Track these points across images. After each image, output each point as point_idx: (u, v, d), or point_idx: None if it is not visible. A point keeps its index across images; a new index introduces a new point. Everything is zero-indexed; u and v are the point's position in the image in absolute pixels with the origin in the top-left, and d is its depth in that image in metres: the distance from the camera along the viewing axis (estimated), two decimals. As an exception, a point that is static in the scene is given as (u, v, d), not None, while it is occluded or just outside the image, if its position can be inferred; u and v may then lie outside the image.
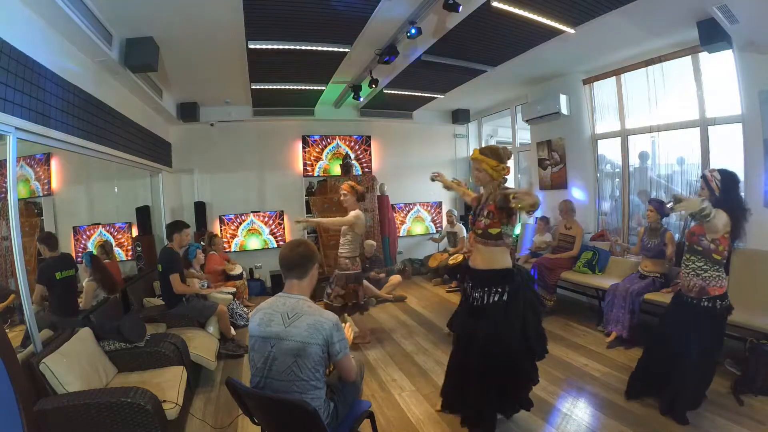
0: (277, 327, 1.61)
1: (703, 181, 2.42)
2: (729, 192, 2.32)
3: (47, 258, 3.09)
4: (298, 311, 1.62)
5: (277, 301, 1.70)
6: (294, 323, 1.60)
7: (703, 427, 2.31)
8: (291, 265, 1.71)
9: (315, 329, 1.58)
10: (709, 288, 2.30)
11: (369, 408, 1.96)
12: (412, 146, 7.21)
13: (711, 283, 2.30)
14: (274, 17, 3.23)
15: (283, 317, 1.62)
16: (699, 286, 2.33)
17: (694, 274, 2.36)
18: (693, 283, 2.36)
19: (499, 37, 3.79)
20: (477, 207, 2.45)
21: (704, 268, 2.32)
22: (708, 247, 2.29)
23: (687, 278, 2.39)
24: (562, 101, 4.88)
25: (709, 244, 2.28)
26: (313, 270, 1.75)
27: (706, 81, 3.81)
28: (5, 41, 2.09)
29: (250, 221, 6.35)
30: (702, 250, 2.31)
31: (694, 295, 2.35)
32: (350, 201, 3.63)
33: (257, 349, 1.65)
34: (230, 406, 2.70)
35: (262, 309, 1.70)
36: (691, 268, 2.38)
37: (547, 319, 4.30)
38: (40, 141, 2.49)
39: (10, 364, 1.84)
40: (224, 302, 4.00)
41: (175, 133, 5.87)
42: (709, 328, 2.35)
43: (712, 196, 2.35)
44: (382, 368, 3.37)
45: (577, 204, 4.85)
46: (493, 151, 2.35)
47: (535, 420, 2.50)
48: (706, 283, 2.31)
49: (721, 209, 2.24)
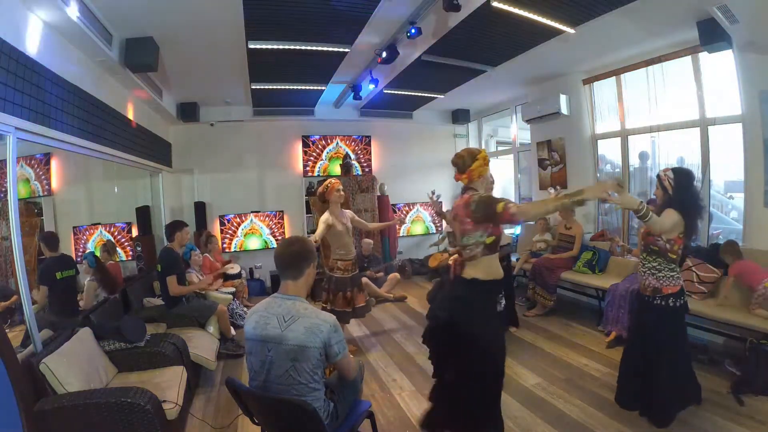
0: (274, 331, 1.56)
1: (657, 181, 2.41)
2: (683, 190, 2.30)
3: (47, 258, 3.09)
4: (294, 314, 1.58)
5: (273, 303, 1.65)
6: (290, 327, 1.55)
7: (703, 427, 2.31)
8: (285, 265, 1.66)
9: (312, 332, 1.54)
10: (663, 288, 2.30)
11: (369, 408, 1.96)
12: (412, 146, 7.21)
13: (665, 282, 2.30)
14: (274, 17, 3.23)
15: (279, 320, 1.57)
16: (653, 286, 2.33)
17: (649, 273, 2.35)
18: (648, 283, 2.36)
19: (499, 37, 3.79)
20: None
21: (659, 268, 2.32)
22: (664, 247, 2.29)
23: (643, 278, 2.40)
24: (562, 101, 4.88)
25: (665, 244, 2.28)
26: (308, 269, 1.68)
27: (706, 81, 3.80)
28: (5, 41, 2.09)
29: (250, 221, 6.35)
30: (658, 249, 2.31)
31: (649, 293, 2.36)
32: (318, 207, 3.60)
33: (254, 353, 1.62)
34: (230, 406, 2.70)
35: (258, 312, 1.65)
36: (647, 267, 2.37)
37: (547, 319, 4.31)
38: (40, 141, 2.49)
39: (10, 364, 1.84)
40: (224, 302, 4.00)
41: (175, 133, 5.87)
42: (666, 326, 2.34)
43: (665, 195, 2.35)
44: (382, 368, 3.37)
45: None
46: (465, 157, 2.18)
47: (534, 419, 2.50)
48: (660, 283, 2.31)
49: (672, 209, 2.25)
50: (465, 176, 2.17)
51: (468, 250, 2.07)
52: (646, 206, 2.13)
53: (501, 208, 1.93)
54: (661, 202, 2.39)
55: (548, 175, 5.48)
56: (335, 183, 3.55)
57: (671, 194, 2.32)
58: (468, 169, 2.15)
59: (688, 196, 2.29)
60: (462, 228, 2.09)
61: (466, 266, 2.11)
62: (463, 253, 2.12)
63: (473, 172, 2.14)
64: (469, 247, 2.07)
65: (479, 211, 2.01)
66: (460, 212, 2.11)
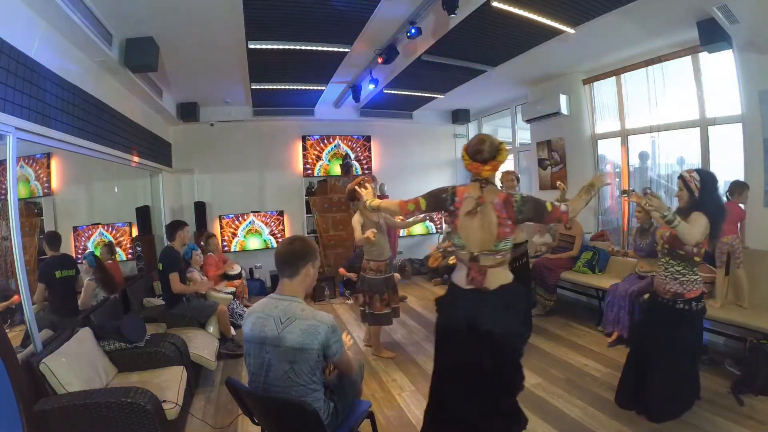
0: (271, 333, 1.54)
1: (681, 182, 2.34)
2: (710, 193, 2.26)
3: (48, 257, 3.10)
4: (291, 315, 1.55)
5: (269, 303, 1.62)
6: (287, 328, 1.53)
7: (703, 427, 2.31)
8: (281, 262, 1.63)
9: (309, 334, 1.52)
10: (686, 293, 2.26)
11: (369, 408, 1.96)
12: (412, 146, 7.21)
13: (688, 287, 2.26)
14: (274, 17, 3.23)
15: (276, 322, 1.55)
16: (674, 291, 2.28)
17: (672, 278, 2.30)
18: (669, 287, 2.31)
19: (499, 37, 3.79)
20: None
21: (683, 272, 2.27)
22: (690, 252, 2.24)
23: (663, 282, 2.34)
24: (562, 101, 4.88)
25: (691, 249, 2.23)
26: (305, 269, 1.63)
27: (706, 81, 3.80)
28: (5, 41, 2.08)
29: (250, 221, 6.35)
30: (684, 254, 2.26)
31: (669, 297, 2.31)
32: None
33: (252, 354, 1.61)
34: (230, 406, 2.70)
35: (255, 312, 1.63)
36: (670, 272, 2.32)
37: (547, 319, 4.31)
38: (40, 141, 2.48)
39: (10, 364, 1.84)
40: (224, 302, 4.00)
41: (175, 133, 5.87)
42: (685, 329, 2.32)
43: (691, 197, 2.30)
44: (382, 368, 3.37)
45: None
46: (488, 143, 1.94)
47: (534, 419, 2.50)
48: (683, 288, 2.27)
49: (700, 212, 2.19)
50: (489, 167, 1.90)
51: (501, 255, 1.91)
52: (672, 211, 2.11)
53: (550, 206, 1.86)
54: (685, 205, 2.33)
55: (548, 175, 5.48)
56: (367, 180, 3.42)
57: (697, 196, 2.26)
58: (495, 158, 1.89)
59: (716, 198, 2.26)
60: (501, 231, 1.87)
61: (489, 273, 1.90)
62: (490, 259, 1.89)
63: (498, 164, 1.92)
64: (502, 252, 1.91)
65: (529, 211, 1.87)
66: (500, 213, 1.87)
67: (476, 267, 1.90)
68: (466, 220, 1.92)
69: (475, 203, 1.90)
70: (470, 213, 1.90)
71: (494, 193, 1.92)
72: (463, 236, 1.95)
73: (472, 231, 1.91)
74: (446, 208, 2.02)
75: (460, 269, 2.01)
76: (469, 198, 1.93)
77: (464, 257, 1.95)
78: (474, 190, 1.94)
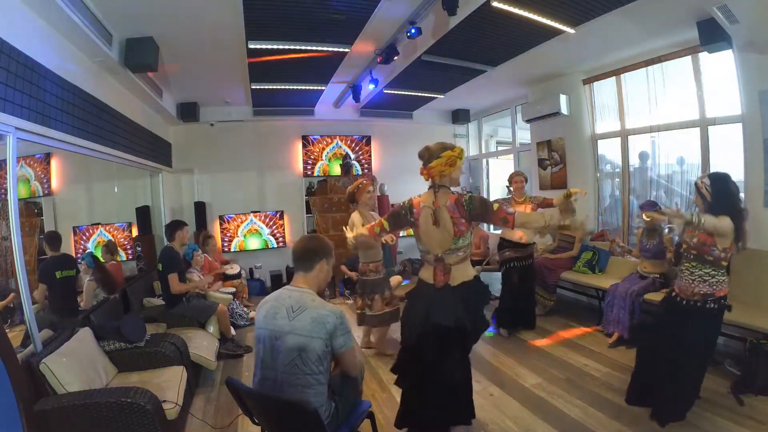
0: (282, 320, 1.63)
1: (695, 190, 2.37)
2: (723, 196, 2.26)
3: (48, 257, 3.10)
4: (302, 305, 1.64)
5: (283, 293, 1.73)
6: (298, 317, 1.62)
7: (703, 427, 2.31)
8: (297, 257, 1.76)
9: (318, 323, 1.59)
10: (716, 292, 2.26)
11: (369, 408, 1.96)
12: (412, 146, 7.09)
13: (717, 287, 2.26)
14: (274, 17, 3.23)
15: (288, 311, 1.64)
16: (703, 292, 2.27)
17: (700, 280, 2.29)
18: (698, 289, 2.29)
19: (499, 37, 3.79)
20: None
21: (712, 273, 2.27)
22: (719, 256, 2.23)
23: (691, 285, 2.32)
24: (562, 101, 4.88)
25: (720, 253, 2.22)
26: (320, 264, 1.75)
27: (706, 81, 3.80)
28: (5, 41, 2.09)
29: (250, 221, 6.35)
30: (713, 260, 2.25)
31: (698, 298, 2.29)
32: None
33: (263, 340, 1.68)
34: (230, 406, 2.70)
35: (269, 301, 1.73)
36: (697, 275, 2.30)
37: (547, 319, 4.31)
38: (40, 141, 2.49)
39: (10, 364, 1.84)
40: (224, 302, 4.00)
41: (175, 133, 5.87)
42: (708, 328, 2.33)
43: (705, 204, 2.30)
44: (382, 368, 3.37)
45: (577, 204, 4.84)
46: (432, 150, 2.14)
47: (534, 419, 2.50)
48: (713, 288, 2.26)
49: (722, 214, 2.19)
50: (424, 172, 2.12)
51: (462, 252, 2.12)
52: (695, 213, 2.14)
53: (496, 206, 2.05)
54: (702, 212, 2.33)
55: (548, 175, 5.48)
56: (366, 184, 3.50)
57: (711, 202, 2.27)
58: (428, 165, 2.09)
59: (729, 199, 2.25)
60: (456, 230, 2.06)
61: (453, 270, 2.11)
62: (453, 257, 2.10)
63: (432, 170, 2.09)
64: (463, 249, 2.12)
65: (477, 209, 2.04)
66: (453, 214, 2.06)
67: (441, 266, 2.11)
68: (425, 227, 2.12)
69: (432, 214, 2.09)
70: (435, 224, 2.08)
71: (446, 196, 2.09)
72: (426, 242, 2.15)
73: (432, 235, 2.11)
74: (408, 223, 2.21)
75: (427, 268, 2.23)
76: (425, 207, 2.12)
77: (430, 260, 2.17)
78: (428, 197, 2.13)
